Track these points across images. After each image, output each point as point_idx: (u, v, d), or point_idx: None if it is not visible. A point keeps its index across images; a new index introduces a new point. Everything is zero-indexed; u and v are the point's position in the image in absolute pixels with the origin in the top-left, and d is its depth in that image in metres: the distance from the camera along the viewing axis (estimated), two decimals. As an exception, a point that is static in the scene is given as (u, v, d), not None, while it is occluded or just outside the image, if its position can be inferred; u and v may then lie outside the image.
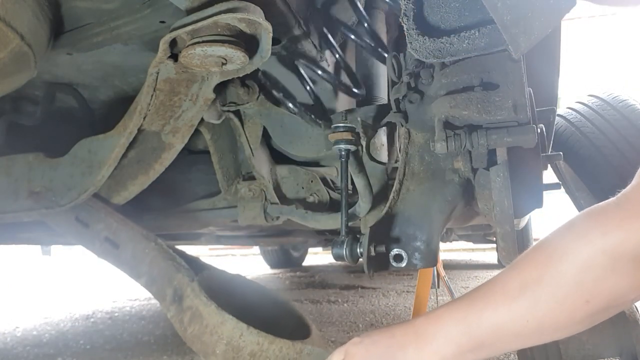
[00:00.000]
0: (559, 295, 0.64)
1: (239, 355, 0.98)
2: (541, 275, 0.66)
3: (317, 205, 1.44)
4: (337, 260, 1.00)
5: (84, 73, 1.28)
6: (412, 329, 0.76)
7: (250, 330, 1.00)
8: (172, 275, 1.14)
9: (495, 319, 0.68)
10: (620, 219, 0.62)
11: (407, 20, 0.89)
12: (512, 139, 0.88)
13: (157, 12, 1.00)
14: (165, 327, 2.83)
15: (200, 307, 1.04)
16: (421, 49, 0.88)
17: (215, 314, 1.02)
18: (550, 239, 0.69)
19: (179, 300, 1.09)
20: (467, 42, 0.86)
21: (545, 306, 0.65)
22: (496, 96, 0.88)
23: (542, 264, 0.67)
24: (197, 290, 1.07)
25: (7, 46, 0.87)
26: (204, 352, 1.02)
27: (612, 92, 2.42)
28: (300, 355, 0.98)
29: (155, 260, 1.17)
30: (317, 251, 7.17)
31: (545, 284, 0.65)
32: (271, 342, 0.99)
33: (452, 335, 0.71)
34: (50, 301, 4.22)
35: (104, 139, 1.18)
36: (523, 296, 0.67)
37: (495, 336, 0.69)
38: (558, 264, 0.65)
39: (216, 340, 1.00)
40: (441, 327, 0.72)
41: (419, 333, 0.74)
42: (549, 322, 0.66)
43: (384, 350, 0.75)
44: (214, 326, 1.01)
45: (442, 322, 0.73)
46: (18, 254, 8.43)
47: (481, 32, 0.85)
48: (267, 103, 1.35)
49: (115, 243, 1.22)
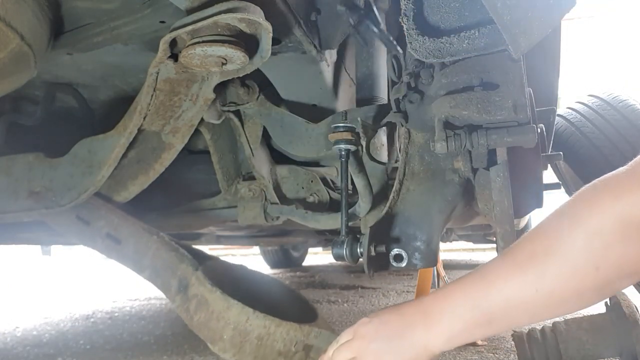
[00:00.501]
0: (568, 262, 0.63)
1: (247, 339, 0.98)
2: (551, 244, 0.65)
3: (317, 205, 1.44)
4: (337, 260, 1.00)
5: (84, 73, 1.28)
6: (420, 308, 0.75)
7: (257, 315, 0.99)
8: (175, 265, 1.14)
9: (505, 292, 0.67)
10: (631, 183, 0.61)
11: (407, 20, 0.89)
12: (512, 139, 0.88)
13: (157, 12, 1.00)
14: (165, 327, 2.83)
15: (206, 294, 1.04)
16: (421, 49, 0.88)
17: (221, 299, 1.02)
18: (559, 209, 0.68)
19: (184, 289, 1.09)
20: (467, 42, 0.86)
21: (555, 274, 0.64)
22: (496, 96, 0.88)
23: (552, 233, 0.66)
24: (201, 278, 1.06)
25: (7, 46, 0.87)
26: (212, 338, 1.01)
27: (612, 92, 2.42)
28: (308, 337, 0.98)
29: (158, 253, 1.17)
30: (317, 251, 7.17)
31: (554, 251, 0.64)
32: (278, 325, 0.98)
33: (460, 311, 0.70)
34: (50, 301, 4.22)
35: (104, 139, 1.18)
36: (532, 266, 0.65)
37: (504, 310, 0.68)
38: (567, 231, 0.64)
39: (223, 326, 1.00)
40: (449, 304, 0.71)
41: (427, 312, 0.74)
42: (559, 292, 0.64)
43: (393, 330, 0.75)
44: (220, 312, 1.01)
45: (450, 298, 0.72)
46: (18, 254, 8.43)
47: (481, 32, 0.85)
48: (267, 103, 1.35)
49: (117, 239, 1.22)
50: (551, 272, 0.64)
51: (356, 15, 1.08)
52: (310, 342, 0.98)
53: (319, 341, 0.98)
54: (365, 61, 1.39)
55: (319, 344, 0.98)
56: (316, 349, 0.98)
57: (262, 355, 0.98)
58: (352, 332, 0.79)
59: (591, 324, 1.21)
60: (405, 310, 0.76)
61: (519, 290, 0.66)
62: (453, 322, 0.71)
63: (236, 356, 0.98)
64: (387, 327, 0.76)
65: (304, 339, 0.97)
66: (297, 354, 0.97)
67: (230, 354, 0.99)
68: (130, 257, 1.21)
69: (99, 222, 1.23)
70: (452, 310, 0.71)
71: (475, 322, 0.69)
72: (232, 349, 0.99)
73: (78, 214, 1.23)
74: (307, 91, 1.34)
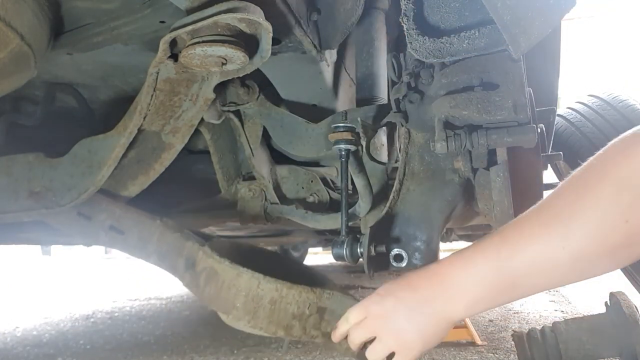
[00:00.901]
0: (596, 216, 0.59)
1: (260, 304, 0.96)
2: (577, 199, 0.61)
3: (317, 205, 1.44)
4: (337, 260, 1.00)
5: (84, 73, 1.28)
6: (436, 279, 0.71)
7: (268, 279, 0.97)
8: (181, 245, 1.13)
9: (530, 252, 0.63)
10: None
11: (407, 20, 0.89)
12: (512, 139, 0.88)
13: (157, 12, 1.00)
14: (165, 327, 2.83)
15: (214, 265, 1.03)
16: (421, 49, 0.88)
17: (230, 268, 1.00)
18: (585, 164, 0.64)
19: (191, 266, 1.08)
20: (467, 42, 0.86)
21: (583, 230, 0.60)
22: (496, 96, 0.88)
23: (578, 188, 0.62)
24: (208, 251, 1.06)
25: (7, 46, 0.87)
26: (224, 308, 1.00)
27: (612, 92, 2.42)
28: (321, 299, 0.96)
29: (162, 237, 1.17)
30: (317, 251, 7.16)
31: (581, 206, 0.60)
32: (290, 287, 0.96)
33: (482, 276, 0.66)
34: (50, 301, 4.22)
35: (104, 139, 1.18)
36: (559, 222, 0.61)
37: (530, 272, 0.63)
38: (595, 184, 0.60)
39: (235, 294, 0.98)
40: (469, 270, 0.67)
41: (445, 282, 0.69)
42: (588, 249, 0.60)
43: (410, 307, 0.71)
44: (231, 280, 1.00)
45: (470, 264, 0.67)
46: (18, 254, 8.43)
47: (481, 32, 0.85)
48: (267, 103, 1.35)
49: (120, 230, 1.22)
50: (578, 228, 0.60)
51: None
52: (324, 304, 0.96)
53: (332, 303, 0.96)
54: (365, 61, 1.39)
55: (332, 306, 0.96)
56: (330, 311, 0.96)
57: (276, 319, 0.96)
58: (364, 310, 0.76)
59: (591, 324, 1.21)
60: (419, 284, 0.72)
61: (545, 249, 0.62)
62: (475, 289, 0.66)
63: (251, 323, 0.97)
64: (404, 304, 0.72)
65: (317, 301, 0.96)
66: (311, 317, 0.95)
67: (244, 322, 0.98)
68: (135, 246, 1.20)
69: (101, 216, 1.23)
70: (472, 276, 0.66)
71: (498, 287, 0.65)
72: (246, 316, 0.97)
73: (79, 210, 1.23)
74: (307, 91, 1.34)
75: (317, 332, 0.96)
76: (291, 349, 2.21)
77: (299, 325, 0.95)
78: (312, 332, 0.96)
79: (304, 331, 0.96)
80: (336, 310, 0.95)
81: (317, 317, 0.96)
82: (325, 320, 0.96)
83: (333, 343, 0.89)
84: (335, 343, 0.88)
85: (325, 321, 0.96)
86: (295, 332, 0.96)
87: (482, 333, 2.39)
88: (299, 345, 2.25)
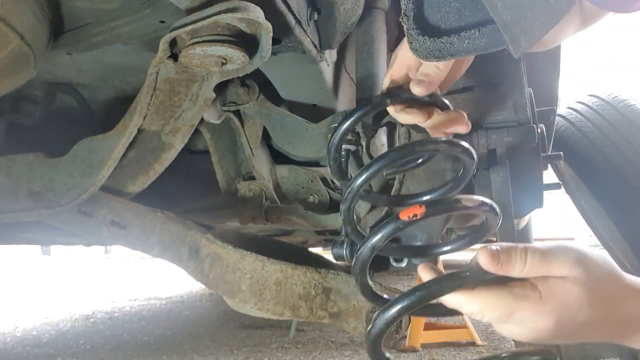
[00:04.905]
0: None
1: (265, 285, 0.96)
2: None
3: (317, 205, 1.44)
4: (337, 260, 1.00)
5: (84, 73, 1.28)
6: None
7: (272, 261, 0.98)
8: (184, 234, 1.13)
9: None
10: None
11: (407, 20, 0.89)
12: (512, 139, 0.88)
13: (157, 12, 1.00)
14: (165, 327, 2.83)
15: (218, 250, 1.03)
16: (421, 49, 0.88)
17: (234, 252, 1.01)
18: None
19: (195, 253, 1.09)
20: (467, 42, 0.86)
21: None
22: (496, 96, 0.88)
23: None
24: (211, 238, 1.06)
25: (7, 46, 0.87)
26: (230, 291, 1.00)
27: (612, 92, 2.42)
28: (326, 279, 0.96)
29: (164, 228, 1.17)
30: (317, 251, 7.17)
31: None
32: (294, 268, 0.96)
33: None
34: (50, 301, 4.22)
35: (104, 139, 1.18)
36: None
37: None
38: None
39: (240, 277, 0.99)
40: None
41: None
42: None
43: (610, 304, 0.60)
44: (235, 263, 1.00)
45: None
46: (18, 254, 8.43)
47: (481, 32, 0.85)
48: (267, 103, 1.35)
49: (121, 224, 1.22)
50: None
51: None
52: (329, 284, 0.96)
53: (337, 282, 0.96)
54: (365, 61, 1.38)
55: (337, 286, 0.96)
56: (335, 291, 0.96)
57: (282, 300, 0.96)
58: (546, 287, 0.59)
59: (591, 324, 1.21)
60: (628, 292, 0.61)
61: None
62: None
63: (257, 305, 0.97)
64: (605, 301, 0.60)
65: (322, 281, 0.95)
66: (317, 297, 0.95)
67: (251, 304, 0.98)
68: (138, 238, 1.20)
69: (102, 211, 1.23)
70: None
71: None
72: (252, 298, 0.97)
73: (79, 207, 1.23)
74: (307, 91, 1.34)
75: (324, 312, 0.95)
76: (291, 349, 2.21)
77: (306, 305, 0.95)
78: (319, 313, 0.95)
79: (311, 312, 0.95)
80: (342, 290, 0.94)
81: (324, 297, 0.95)
82: (331, 301, 0.95)
83: (341, 323, 0.88)
84: (343, 322, 0.87)
85: (332, 301, 0.95)
86: (302, 312, 0.95)
87: (482, 333, 2.39)
88: (299, 346, 2.25)
